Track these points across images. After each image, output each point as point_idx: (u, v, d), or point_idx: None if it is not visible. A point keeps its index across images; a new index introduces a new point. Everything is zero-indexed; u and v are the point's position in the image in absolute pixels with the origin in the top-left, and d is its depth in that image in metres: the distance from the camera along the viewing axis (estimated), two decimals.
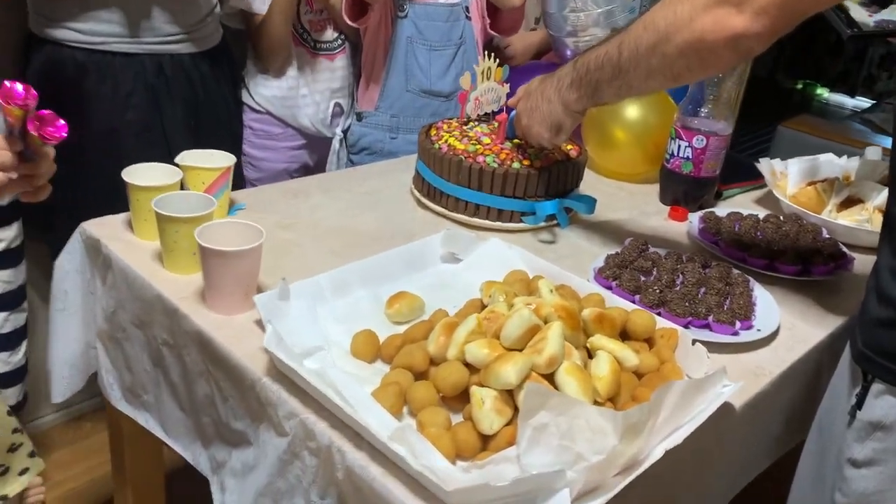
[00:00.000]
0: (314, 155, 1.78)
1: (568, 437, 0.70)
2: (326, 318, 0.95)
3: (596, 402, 0.81)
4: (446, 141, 1.29)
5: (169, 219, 0.99)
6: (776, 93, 5.34)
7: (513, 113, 1.28)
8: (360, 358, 0.89)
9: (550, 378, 0.80)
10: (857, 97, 4.77)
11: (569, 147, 1.35)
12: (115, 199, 1.11)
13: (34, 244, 1.56)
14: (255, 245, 0.92)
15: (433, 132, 1.35)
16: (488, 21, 1.67)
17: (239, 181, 1.70)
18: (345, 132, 1.74)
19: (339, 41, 1.71)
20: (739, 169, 1.62)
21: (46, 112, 0.85)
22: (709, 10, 0.89)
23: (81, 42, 1.39)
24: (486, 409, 0.76)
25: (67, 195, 1.39)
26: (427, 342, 0.87)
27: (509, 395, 0.78)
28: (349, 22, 1.59)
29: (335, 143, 1.73)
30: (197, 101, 1.53)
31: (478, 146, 1.27)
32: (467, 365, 0.82)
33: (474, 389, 0.78)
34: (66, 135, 0.86)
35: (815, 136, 3.11)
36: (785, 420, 1.11)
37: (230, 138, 1.65)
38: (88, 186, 1.43)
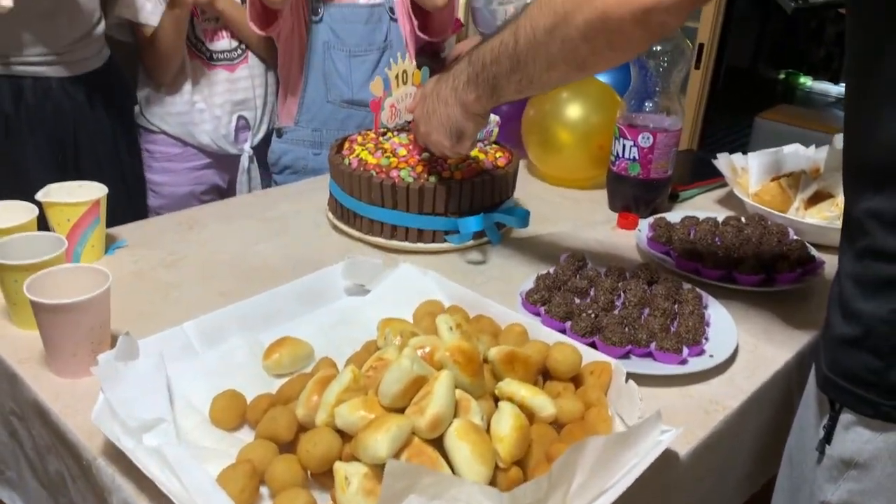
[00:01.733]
0: (223, 174, 1.62)
1: None
2: (192, 375, 0.79)
3: (498, 470, 0.66)
4: (357, 155, 1.15)
5: (5, 267, 0.84)
6: (758, 84, 5.22)
7: None
8: (221, 426, 0.74)
9: (439, 443, 0.65)
10: (841, 83, 4.66)
11: (498, 154, 1.20)
12: None
13: None
14: (93, 295, 0.77)
15: (346, 146, 1.21)
16: (416, 22, 1.52)
17: (142, 212, 1.56)
18: (255, 148, 1.59)
19: (239, 51, 1.55)
20: (699, 166, 1.47)
21: None
22: None
23: None
24: (352, 491, 0.61)
25: None
26: (297, 403, 0.72)
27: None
28: (257, 31, 1.44)
29: (244, 161, 1.57)
30: (67, 133, 1.37)
31: (392, 159, 1.12)
32: (342, 432, 0.67)
33: (338, 466, 0.63)
34: None
35: (794, 125, 2.98)
36: (753, 455, 0.96)
37: (117, 171, 1.47)
38: None
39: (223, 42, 1.54)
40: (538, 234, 1.21)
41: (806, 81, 5.53)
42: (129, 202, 1.49)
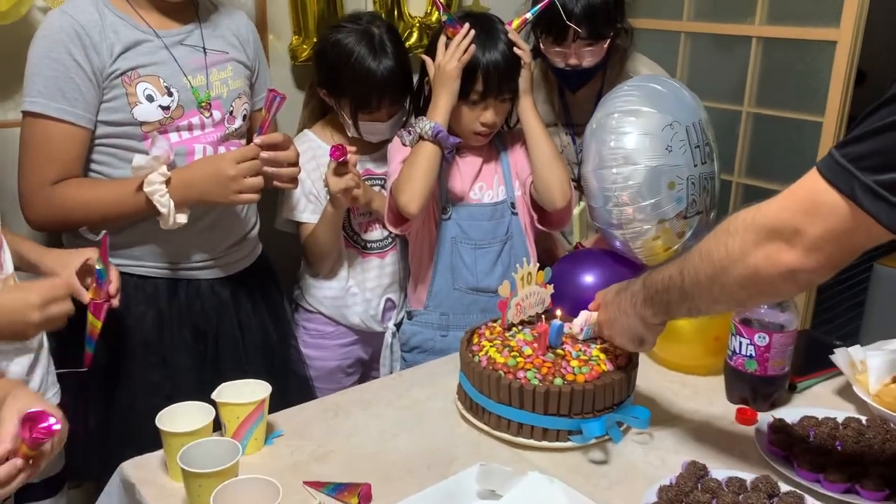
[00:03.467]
0: (367, 348, 1.77)
1: None
2: None
3: None
4: (486, 353, 1.25)
5: (192, 474, 0.98)
6: None
7: (555, 323, 1.23)
8: None
9: None
10: None
11: (619, 352, 1.28)
12: (139, 430, 1.12)
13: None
14: None
15: (475, 339, 1.32)
16: (535, 216, 1.66)
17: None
18: (398, 325, 1.74)
19: (389, 239, 1.73)
20: (816, 350, 1.48)
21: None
22: (759, 245, 0.89)
23: None
24: None
25: (84, 428, 1.39)
26: None
27: None
28: (392, 230, 1.62)
29: (388, 337, 1.72)
30: (210, 326, 1.49)
31: (519, 359, 1.22)
32: None
33: None
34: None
35: None
36: None
37: (267, 357, 1.58)
38: (115, 415, 1.40)
39: (375, 233, 1.72)
40: (658, 428, 1.26)
41: None
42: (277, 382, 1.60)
